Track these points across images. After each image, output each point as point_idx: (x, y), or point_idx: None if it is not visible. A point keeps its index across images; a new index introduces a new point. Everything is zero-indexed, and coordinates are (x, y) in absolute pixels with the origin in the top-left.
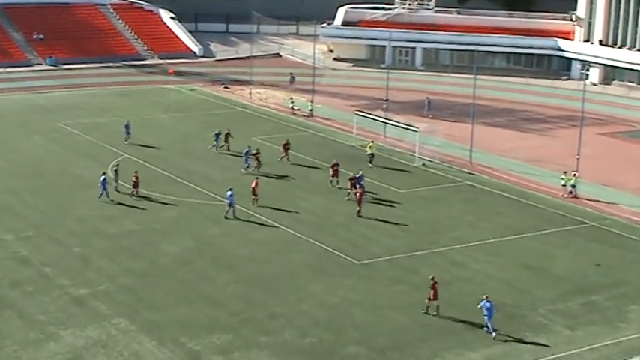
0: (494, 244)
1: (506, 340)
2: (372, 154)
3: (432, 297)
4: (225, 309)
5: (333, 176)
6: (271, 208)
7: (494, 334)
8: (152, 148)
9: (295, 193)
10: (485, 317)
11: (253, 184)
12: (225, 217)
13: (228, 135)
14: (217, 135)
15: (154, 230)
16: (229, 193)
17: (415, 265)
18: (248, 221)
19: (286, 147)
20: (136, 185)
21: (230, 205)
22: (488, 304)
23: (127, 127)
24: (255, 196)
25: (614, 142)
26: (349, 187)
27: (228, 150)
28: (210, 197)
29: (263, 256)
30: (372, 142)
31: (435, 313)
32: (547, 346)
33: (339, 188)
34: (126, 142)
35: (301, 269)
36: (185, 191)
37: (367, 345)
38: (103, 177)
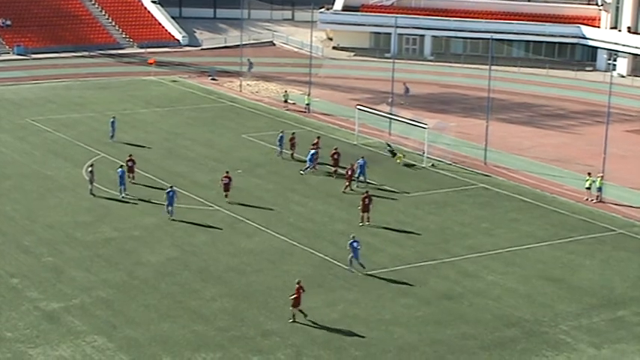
0: (512, 254)
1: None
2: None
3: (293, 304)
4: (212, 325)
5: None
6: (263, 211)
7: (351, 270)
8: (132, 146)
9: (290, 197)
10: (352, 255)
11: (226, 180)
12: (172, 218)
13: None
14: (281, 139)
15: (134, 238)
16: (170, 191)
17: (424, 277)
18: (236, 228)
19: (335, 157)
20: (131, 170)
21: (169, 204)
22: (355, 244)
23: (112, 124)
24: (227, 191)
25: None
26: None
27: (293, 157)
28: (196, 201)
29: (254, 267)
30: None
31: (291, 320)
32: None
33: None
34: (110, 140)
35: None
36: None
37: None
38: (120, 169)
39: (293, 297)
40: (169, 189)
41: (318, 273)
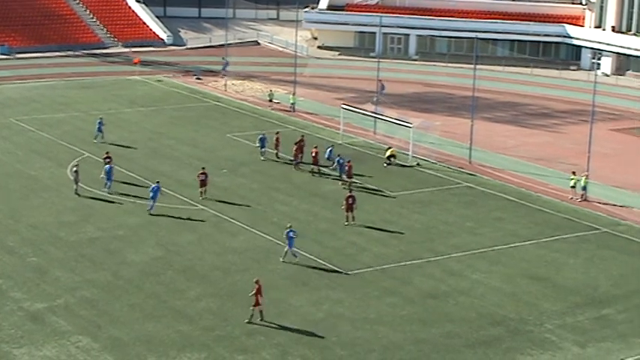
0: (496, 253)
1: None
2: (393, 156)
3: (255, 303)
4: (197, 325)
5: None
6: (248, 210)
7: (292, 257)
8: (116, 146)
9: (275, 196)
10: (288, 245)
11: (202, 177)
12: (150, 213)
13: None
14: (262, 140)
15: (118, 237)
16: (155, 186)
17: (409, 276)
18: (221, 227)
19: (313, 155)
20: (109, 163)
21: (152, 198)
22: (291, 234)
23: (99, 123)
24: (204, 187)
25: (628, 138)
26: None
27: (278, 156)
28: (180, 201)
29: (239, 267)
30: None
31: (259, 319)
32: None
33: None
34: (95, 141)
35: (282, 281)
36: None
37: None
38: (108, 165)
39: (252, 295)
40: (155, 184)
41: (302, 272)
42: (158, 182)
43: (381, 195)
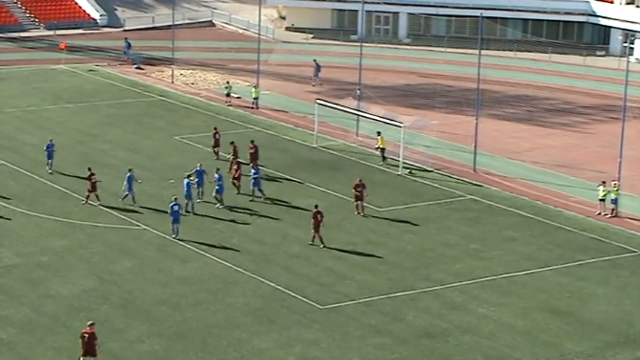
0: (508, 281)
1: None
2: (383, 149)
3: (84, 352)
4: None
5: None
6: (201, 230)
7: (175, 235)
8: (39, 150)
9: (234, 214)
10: (171, 220)
11: (94, 179)
12: (187, 212)
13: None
14: (200, 175)
15: (41, 265)
16: (186, 181)
17: (400, 310)
18: (168, 252)
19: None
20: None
21: (188, 197)
22: (176, 207)
23: (48, 147)
24: (94, 191)
25: None
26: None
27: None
28: (118, 219)
29: (191, 300)
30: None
31: None
32: None
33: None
34: (49, 171)
35: (243, 318)
36: (84, 211)
37: None
38: (129, 174)
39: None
40: (186, 178)
41: (268, 306)
42: (189, 176)
43: (365, 210)
